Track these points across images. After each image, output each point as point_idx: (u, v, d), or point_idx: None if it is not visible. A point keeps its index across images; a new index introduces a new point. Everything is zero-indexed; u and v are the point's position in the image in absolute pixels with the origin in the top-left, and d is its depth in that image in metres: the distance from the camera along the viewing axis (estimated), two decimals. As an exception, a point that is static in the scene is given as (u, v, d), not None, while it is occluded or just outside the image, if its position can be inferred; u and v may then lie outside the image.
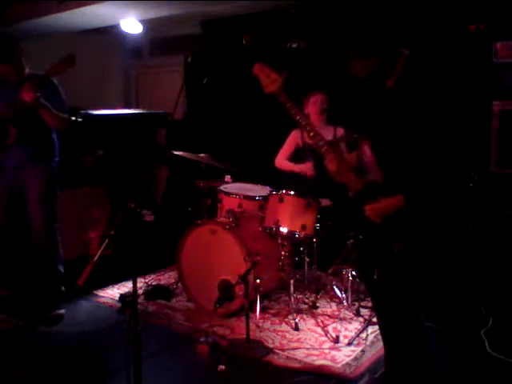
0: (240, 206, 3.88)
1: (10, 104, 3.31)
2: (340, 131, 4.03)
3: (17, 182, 3.50)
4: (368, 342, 3.19)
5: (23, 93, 3.19)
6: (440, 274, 3.37)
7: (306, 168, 4.11)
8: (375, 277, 2.15)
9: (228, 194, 3.97)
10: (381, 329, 2.36)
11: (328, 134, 3.84)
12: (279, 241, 3.65)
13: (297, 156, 4.32)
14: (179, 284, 3.92)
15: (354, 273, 3.61)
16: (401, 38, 2.12)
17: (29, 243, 3.61)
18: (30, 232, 3.56)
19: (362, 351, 3.10)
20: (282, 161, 4.30)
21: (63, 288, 3.67)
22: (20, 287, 3.80)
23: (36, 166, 3.51)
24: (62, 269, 3.65)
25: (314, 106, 4.06)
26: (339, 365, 2.94)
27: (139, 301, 3.71)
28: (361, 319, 3.47)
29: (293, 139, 4.32)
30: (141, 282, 4.07)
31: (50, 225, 3.56)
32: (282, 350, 3.13)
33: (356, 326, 3.39)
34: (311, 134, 2.23)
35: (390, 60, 2.10)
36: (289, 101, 2.25)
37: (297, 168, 4.18)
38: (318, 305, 3.75)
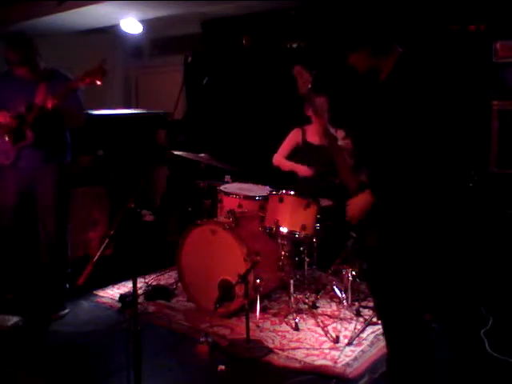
0: (240, 206, 3.88)
1: (29, 105, 3.34)
2: (341, 133, 4.03)
3: (29, 182, 3.52)
4: (368, 342, 3.19)
5: (47, 100, 3.24)
6: (441, 273, 3.38)
7: (303, 169, 4.14)
8: (358, 274, 2.22)
9: (228, 194, 3.98)
10: (383, 327, 2.36)
11: None
12: (279, 241, 3.65)
13: (295, 155, 4.33)
14: (179, 284, 3.92)
15: (354, 273, 3.60)
16: (396, 36, 2.16)
17: (35, 244, 3.63)
18: (38, 233, 3.58)
19: (362, 351, 3.09)
20: (280, 159, 4.32)
21: (68, 285, 3.72)
22: (25, 288, 3.78)
23: (49, 166, 3.54)
24: (69, 269, 3.70)
25: None
26: (339, 365, 2.94)
27: (139, 301, 3.72)
28: (361, 319, 3.47)
29: (293, 137, 4.33)
30: (141, 282, 4.07)
31: (62, 225, 3.62)
32: (282, 349, 3.13)
33: (356, 325, 3.38)
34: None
35: (383, 55, 2.13)
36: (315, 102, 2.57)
37: (294, 168, 4.20)
38: (318, 305, 3.75)
